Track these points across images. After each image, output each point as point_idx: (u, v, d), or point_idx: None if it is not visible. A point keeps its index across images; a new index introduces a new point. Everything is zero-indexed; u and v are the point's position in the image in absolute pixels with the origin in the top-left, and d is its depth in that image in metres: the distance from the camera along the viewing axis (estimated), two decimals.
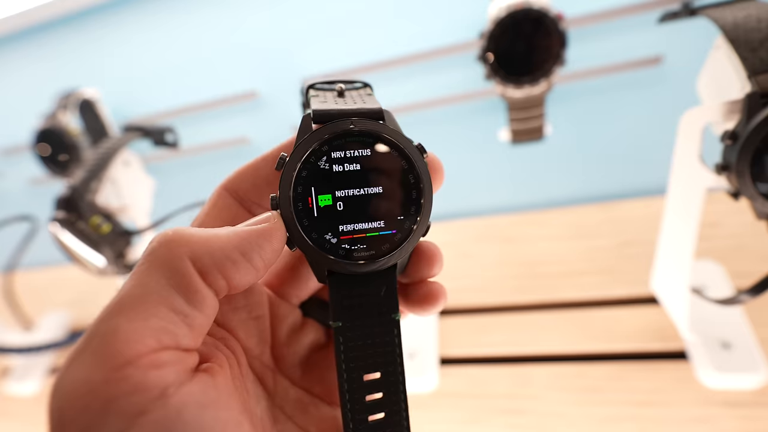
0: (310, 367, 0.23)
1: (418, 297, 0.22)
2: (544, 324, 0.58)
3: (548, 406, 0.51)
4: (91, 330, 0.16)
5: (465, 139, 0.73)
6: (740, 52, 0.34)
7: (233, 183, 0.22)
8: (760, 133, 0.32)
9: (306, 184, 0.20)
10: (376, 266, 0.21)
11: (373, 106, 0.22)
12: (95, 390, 0.15)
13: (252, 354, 0.22)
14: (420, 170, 0.21)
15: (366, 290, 0.21)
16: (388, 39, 0.69)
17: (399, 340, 0.21)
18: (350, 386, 0.21)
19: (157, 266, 0.17)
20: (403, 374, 0.21)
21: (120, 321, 0.15)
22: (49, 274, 0.98)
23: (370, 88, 0.24)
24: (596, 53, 0.63)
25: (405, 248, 0.21)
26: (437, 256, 0.22)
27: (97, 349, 0.15)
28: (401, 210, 0.21)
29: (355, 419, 0.21)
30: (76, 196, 0.51)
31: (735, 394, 0.47)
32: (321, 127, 0.21)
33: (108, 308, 0.16)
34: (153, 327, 0.16)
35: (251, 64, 0.76)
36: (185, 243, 0.17)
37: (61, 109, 0.70)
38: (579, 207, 0.70)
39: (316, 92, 0.23)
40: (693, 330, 0.49)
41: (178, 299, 0.17)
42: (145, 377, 0.15)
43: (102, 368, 0.15)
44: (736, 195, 0.36)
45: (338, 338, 0.21)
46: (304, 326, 0.24)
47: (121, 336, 0.15)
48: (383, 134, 0.21)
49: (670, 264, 0.46)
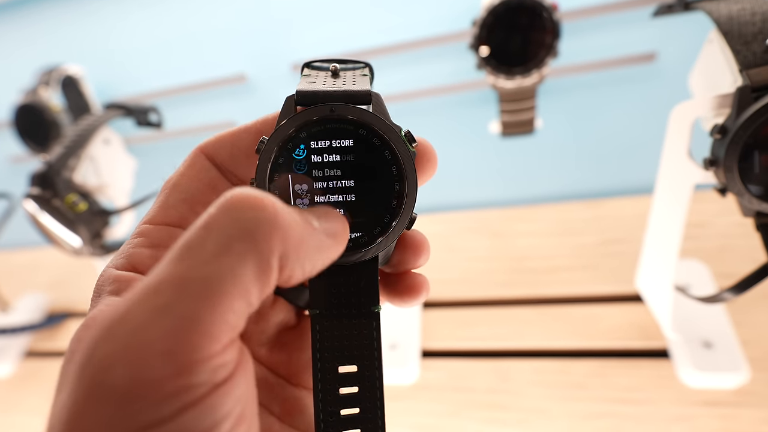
0: (277, 348, 0.23)
1: (400, 288, 0.21)
2: (528, 319, 0.58)
3: (529, 401, 0.51)
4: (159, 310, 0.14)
5: (454, 131, 0.72)
6: (733, 45, 0.34)
7: (211, 148, 0.21)
8: (750, 128, 0.32)
9: (283, 173, 0.20)
10: (356, 258, 0.20)
11: (360, 88, 0.20)
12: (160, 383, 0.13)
13: None
14: (403, 161, 0.20)
15: (346, 280, 0.20)
16: (378, 26, 0.68)
17: (378, 334, 0.21)
18: (323, 376, 0.20)
19: (246, 251, 0.15)
20: (380, 369, 0.20)
21: (200, 312, 0.14)
22: (27, 255, 0.96)
23: (369, 69, 0.23)
24: (589, 48, 0.62)
25: (383, 243, 0.20)
26: (424, 246, 0.21)
27: (170, 341, 0.13)
28: (382, 202, 0.20)
29: (327, 411, 0.20)
30: (52, 173, 0.49)
31: (715, 393, 0.47)
32: (300, 112, 0.20)
33: (182, 286, 0.14)
34: (230, 323, 0.14)
35: (240, 48, 0.74)
36: (284, 238, 0.15)
37: (42, 84, 0.68)
38: (567, 203, 0.70)
39: (309, 71, 0.22)
40: (675, 329, 0.49)
41: (255, 292, 0.15)
42: (213, 374, 0.14)
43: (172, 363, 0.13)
44: (724, 191, 0.35)
45: (315, 326, 0.20)
46: (275, 305, 0.23)
47: (200, 332, 0.14)
48: (365, 121, 0.20)
49: (655, 260, 0.46)
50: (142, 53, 0.79)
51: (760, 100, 0.32)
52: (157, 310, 0.14)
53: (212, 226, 0.15)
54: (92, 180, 0.55)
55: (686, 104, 0.36)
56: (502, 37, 0.49)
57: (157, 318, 0.14)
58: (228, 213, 0.15)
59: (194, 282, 0.14)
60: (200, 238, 0.15)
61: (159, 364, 0.13)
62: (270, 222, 0.15)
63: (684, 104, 0.37)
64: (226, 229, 0.15)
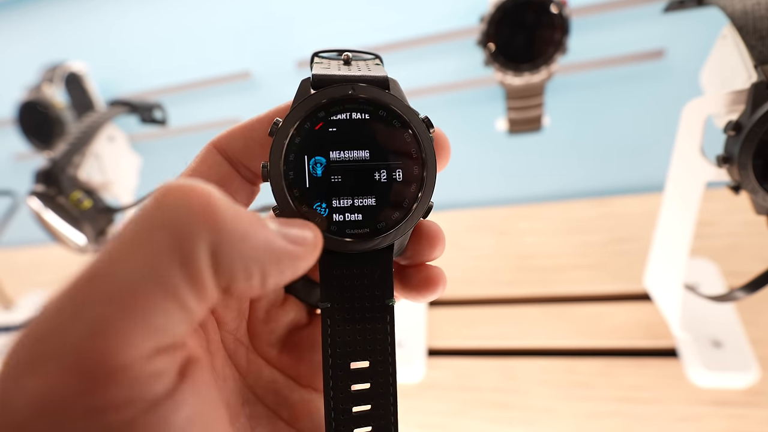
0: (287, 348, 0.22)
1: (415, 281, 0.21)
2: (534, 318, 0.57)
3: (535, 400, 0.50)
4: (64, 315, 0.12)
5: (461, 128, 0.72)
6: (748, 41, 0.33)
7: (224, 142, 0.20)
8: (765, 124, 0.31)
9: (298, 152, 0.19)
10: (371, 245, 0.19)
11: (378, 73, 0.20)
12: (68, 404, 0.11)
13: (227, 329, 0.20)
14: (424, 144, 0.19)
15: (359, 271, 0.20)
16: (383, 23, 0.67)
17: (392, 328, 0.20)
18: (335, 373, 0.19)
19: (169, 242, 0.13)
20: (394, 365, 0.20)
21: (112, 312, 0.12)
22: (31, 253, 0.95)
23: (380, 60, 0.22)
24: (597, 44, 0.61)
25: (402, 228, 0.19)
26: (439, 237, 0.20)
27: (77, 349, 0.12)
28: (401, 186, 0.19)
29: (338, 408, 0.19)
30: (57, 170, 0.49)
31: (724, 393, 0.46)
32: (318, 92, 0.19)
33: (91, 286, 0.12)
34: (153, 326, 0.12)
35: (244, 45, 0.74)
36: (214, 227, 0.13)
37: (46, 81, 0.68)
38: (574, 201, 0.69)
39: (320, 60, 0.22)
40: (684, 328, 0.48)
41: (188, 292, 0.13)
42: (136, 390, 0.12)
43: (81, 376, 0.11)
44: (737, 189, 0.35)
45: (326, 320, 0.19)
46: (285, 304, 0.23)
47: (113, 336, 0.12)
48: (385, 102, 0.19)
49: (665, 259, 0.45)
50: (146, 50, 0.78)
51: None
52: (64, 314, 0.12)
53: (138, 218, 0.13)
54: (97, 177, 0.54)
55: (698, 101, 0.36)
56: (511, 33, 0.49)
57: (65, 323, 0.12)
58: (155, 202, 0.14)
59: (108, 279, 0.12)
60: (123, 229, 0.13)
61: (66, 379, 0.11)
62: (196, 209, 0.13)
63: (696, 101, 0.36)
64: (149, 219, 0.13)
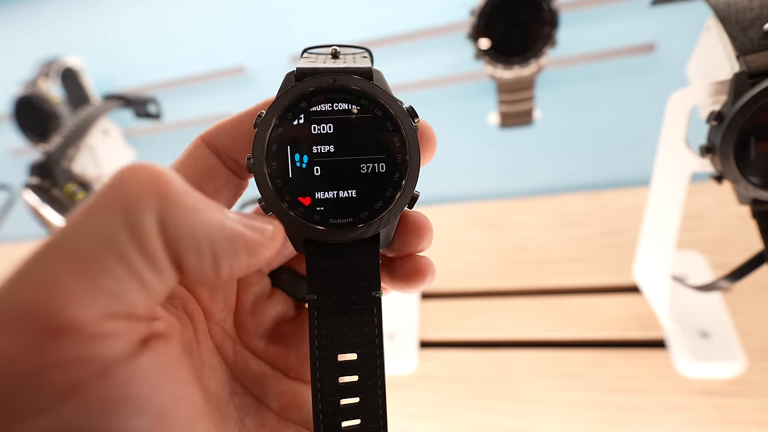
0: (274, 341, 0.22)
1: (403, 272, 0.21)
2: (526, 310, 0.58)
3: (527, 391, 0.51)
4: (15, 278, 0.12)
5: (452, 122, 0.72)
6: (730, 31, 0.33)
7: (212, 135, 0.20)
8: (746, 114, 0.32)
9: (281, 143, 0.19)
10: (355, 235, 0.19)
11: (362, 65, 0.20)
12: (15, 361, 0.11)
13: (214, 320, 0.21)
14: (407, 133, 0.19)
15: (345, 262, 0.20)
16: (376, 17, 0.68)
17: (379, 320, 0.20)
18: (321, 365, 0.19)
19: (118, 209, 0.13)
20: (382, 357, 0.20)
21: (62, 272, 0.12)
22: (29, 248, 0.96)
23: (369, 53, 0.23)
24: (588, 38, 0.62)
25: (386, 217, 0.19)
26: (427, 228, 0.20)
27: (25, 306, 0.12)
28: (384, 175, 0.19)
29: (326, 401, 0.19)
30: (51, 163, 0.50)
31: (712, 383, 0.47)
32: (300, 83, 0.19)
33: (44, 250, 0.13)
34: (104, 288, 0.13)
35: (239, 39, 0.74)
36: (161, 196, 0.14)
37: (42, 76, 0.69)
38: (566, 195, 0.70)
39: (308, 55, 0.22)
40: (672, 319, 0.49)
41: (138, 258, 0.13)
42: (87, 349, 0.12)
43: (29, 333, 0.11)
44: (720, 179, 0.35)
45: (312, 312, 0.20)
46: (272, 296, 0.23)
47: (62, 293, 0.12)
48: (368, 92, 0.19)
49: (652, 250, 0.46)
50: (141, 45, 0.79)
51: (756, 85, 0.32)
52: (17, 275, 0.12)
53: (94, 194, 0.14)
54: (91, 170, 0.55)
55: (683, 91, 0.36)
56: (501, 26, 0.49)
57: (16, 283, 0.12)
58: (110, 180, 0.14)
59: (60, 244, 0.13)
60: (81, 205, 0.14)
61: (15, 336, 0.11)
62: (146, 181, 0.14)
63: (681, 91, 0.36)
64: (103, 194, 0.14)
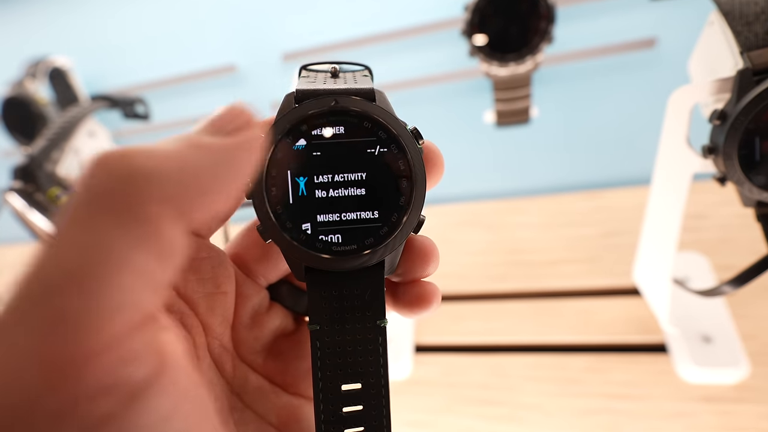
0: (273, 355, 0.22)
1: (408, 298, 0.20)
2: (523, 313, 0.56)
3: (524, 396, 0.49)
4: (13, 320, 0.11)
5: (448, 121, 0.71)
6: (734, 26, 0.32)
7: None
8: (751, 113, 0.30)
9: (281, 167, 0.18)
10: (359, 263, 0.19)
11: (364, 86, 0.19)
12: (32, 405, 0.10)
13: (212, 334, 0.20)
14: (412, 156, 0.19)
15: (349, 291, 0.19)
16: (370, 14, 0.66)
17: (384, 350, 0.19)
18: (325, 396, 0.19)
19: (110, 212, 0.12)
20: (386, 387, 0.19)
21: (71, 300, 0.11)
22: (16, 251, 0.95)
23: (369, 71, 0.22)
24: (586, 34, 0.60)
25: (391, 244, 0.19)
26: (433, 253, 0.20)
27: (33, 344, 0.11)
28: (389, 201, 0.19)
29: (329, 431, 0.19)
30: (34, 166, 0.48)
31: (714, 389, 0.45)
32: (301, 104, 0.19)
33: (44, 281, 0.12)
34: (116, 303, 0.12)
35: (229, 38, 0.73)
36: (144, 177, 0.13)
37: (29, 76, 0.67)
38: (565, 195, 0.68)
39: (307, 73, 0.21)
40: (674, 323, 0.48)
41: (142, 256, 0.12)
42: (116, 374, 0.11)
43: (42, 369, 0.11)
44: (723, 180, 0.34)
45: (315, 342, 0.19)
46: (271, 310, 0.22)
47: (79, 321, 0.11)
48: (370, 114, 0.19)
49: (653, 252, 0.44)
50: (131, 45, 0.77)
51: (762, 83, 0.30)
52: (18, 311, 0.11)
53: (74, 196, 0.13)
54: (77, 173, 0.53)
55: (685, 89, 0.35)
56: (495, 22, 0.48)
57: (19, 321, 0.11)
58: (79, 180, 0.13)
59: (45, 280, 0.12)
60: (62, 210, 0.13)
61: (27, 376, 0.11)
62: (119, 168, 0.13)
63: (682, 89, 0.35)
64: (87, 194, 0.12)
